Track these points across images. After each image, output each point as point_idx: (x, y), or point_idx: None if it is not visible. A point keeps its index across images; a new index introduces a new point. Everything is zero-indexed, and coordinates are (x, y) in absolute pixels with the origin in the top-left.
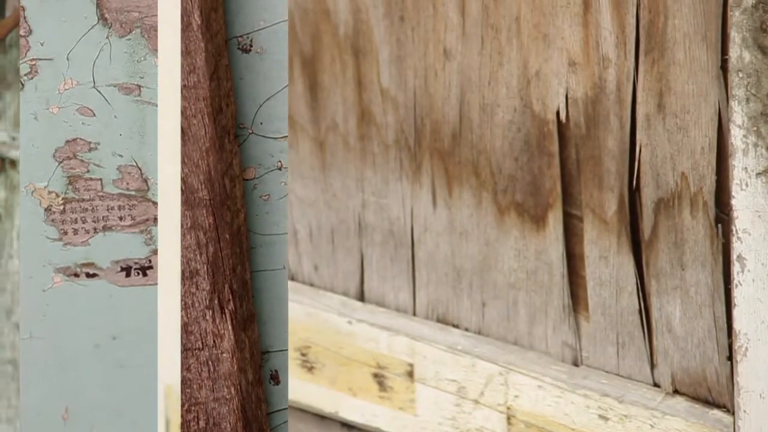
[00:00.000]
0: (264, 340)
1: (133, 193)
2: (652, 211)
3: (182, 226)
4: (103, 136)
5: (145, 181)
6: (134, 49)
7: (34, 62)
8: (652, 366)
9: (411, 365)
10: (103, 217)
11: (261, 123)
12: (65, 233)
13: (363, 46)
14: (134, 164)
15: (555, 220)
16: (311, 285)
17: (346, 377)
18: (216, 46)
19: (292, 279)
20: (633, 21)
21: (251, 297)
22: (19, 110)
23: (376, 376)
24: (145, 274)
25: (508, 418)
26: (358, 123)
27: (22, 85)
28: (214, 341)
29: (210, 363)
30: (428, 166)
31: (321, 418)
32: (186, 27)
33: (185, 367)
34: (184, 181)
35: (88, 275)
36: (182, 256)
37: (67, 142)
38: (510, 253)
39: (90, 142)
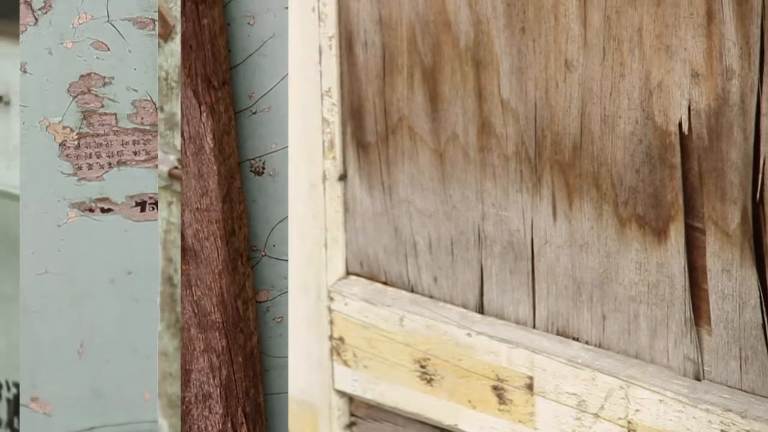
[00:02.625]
0: None
1: (147, 127)
2: None
3: (195, 349)
4: (117, 71)
5: None
6: None
7: None
8: None
9: (531, 378)
10: (117, 151)
11: (274, 245)
12: (80, 168)
13: (484, 58)
14: (149, 99)
15: (677, 233)
16: (431, 297)
17: (466, 389)
18: (229, 168)
19: (412, 291)
20: (757, 32)
21: (264, 420)
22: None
23: (495, 388)
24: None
25: None
26: (478, 134)
27: (36, 19)
28: None
29: None
30: (548, 177)
31: (440, 430)
32: (198, 150)
33: None
34: (196, 303)
35: (102, 210)
36: (195, 380)
37: (82, 76)
38: (631, 265)
39: (104, 77)
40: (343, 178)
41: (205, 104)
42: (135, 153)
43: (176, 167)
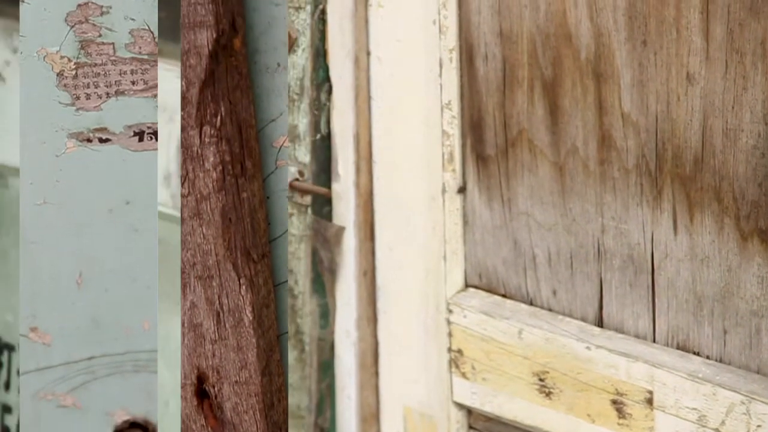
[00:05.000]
0: None
1: (145, 57)
2: None
3: None
4: (115, 0)
5: (158, 44)
6: None
7: None
8: None
9: (650, 392)
10: (115, 81)
11: None
12: (78, 98)
13: (604, 71)
14: (146, 28)
15: None
16: (550, 310)
17: (585, 403)
18: (268, 341)
19: (531, 304)
20: None
21: None
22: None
23: (614, 402)
24: (157, 139)
25: None
26: (599, 147)
27: None
28: None
29: None
30: (669, 191)
31: None
32: (237, 323)
33: None
34: None
35: (100, 140)
36: None
37: (79, 6)
38: (753, 280)
39: (102, 6)
40: (462, 190)
41: (244, 277)
42: (133, 83)
43: (296, 179)
